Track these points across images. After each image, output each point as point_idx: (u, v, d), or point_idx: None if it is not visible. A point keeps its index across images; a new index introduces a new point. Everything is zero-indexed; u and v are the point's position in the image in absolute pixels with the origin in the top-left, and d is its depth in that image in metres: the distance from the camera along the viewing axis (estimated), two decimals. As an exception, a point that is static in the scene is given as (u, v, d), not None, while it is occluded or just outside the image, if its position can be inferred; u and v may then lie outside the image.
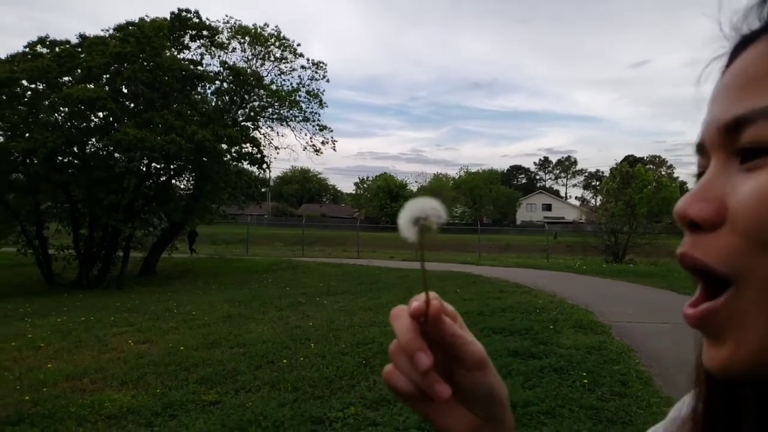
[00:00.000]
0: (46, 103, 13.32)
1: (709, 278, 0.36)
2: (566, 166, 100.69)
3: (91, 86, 13.43)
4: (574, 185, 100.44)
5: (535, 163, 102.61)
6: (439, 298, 0.43)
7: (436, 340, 0.42)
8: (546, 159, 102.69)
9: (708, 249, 0.35)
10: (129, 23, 14.64)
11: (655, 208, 21.81)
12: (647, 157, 75.48)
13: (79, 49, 14.03)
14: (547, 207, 68.20)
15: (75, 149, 13.83)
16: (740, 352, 0.34)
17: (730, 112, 0.35)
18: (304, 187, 73.29)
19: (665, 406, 4.23)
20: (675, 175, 67.46)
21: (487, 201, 59.05)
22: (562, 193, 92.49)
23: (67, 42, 14.18)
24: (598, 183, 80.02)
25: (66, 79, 13.82)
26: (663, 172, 56.87)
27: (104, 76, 13.97)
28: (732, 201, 0.34)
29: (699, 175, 0.38)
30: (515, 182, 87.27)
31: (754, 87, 0.34)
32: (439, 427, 0.44)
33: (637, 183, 21.75)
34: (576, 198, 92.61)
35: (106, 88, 13.76)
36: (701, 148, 0.39)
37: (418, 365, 0.40)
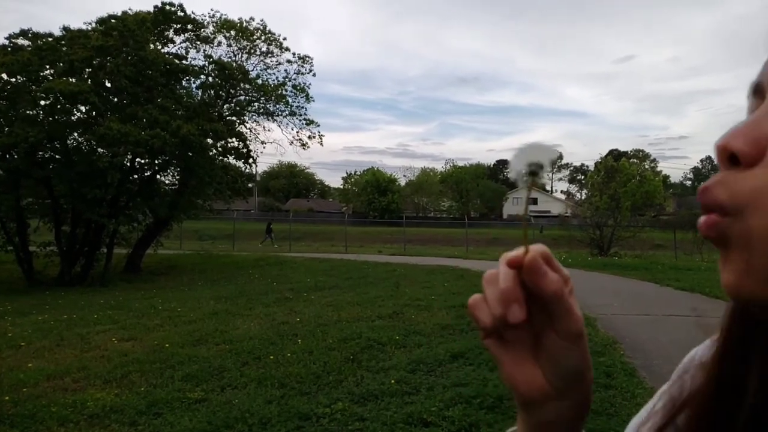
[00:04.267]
0: (27, 96, 13.06)
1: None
2: (552, 160, 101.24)
3: (73, 80, 13.20)
4: (560, 179, 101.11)
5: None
6: (546, 255, 0.40)
7: (535, 294, 0.40)
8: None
9: (731, 186, 0.34)
10: (111, 16, 14.39)
11: (638, 202, 22.07)
12: (631, 151, 76.26)
13: (62, 42, 13.78)
14: (534, 201, 68.61)
15: (57, 144, 13.60)
16: (750, 274, 0.34)
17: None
18: (291, 181, 72.95)
19: (649, 397, 4.26)
20: (658, 169, 68.34)
21: (474, 195, 59.27)
22: (548, 188, 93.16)
23: (50, 35, 13.92)
24: (583, 177, 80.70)
25: (47, 72, 13.56)
26: (647, 166, 57.47)
27: (87, 70, 13.74)
28: None
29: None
30: (502, 177, 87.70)
31: None
32: (507, 377, 0.43)
33: (621, 177, 21.98)
34: (562, 192, 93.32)
35: (89, 81, 13.53)
36: (758, 89, 0.37)
37: (510, 317, 0.39)
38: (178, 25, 15.98)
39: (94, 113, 13.79)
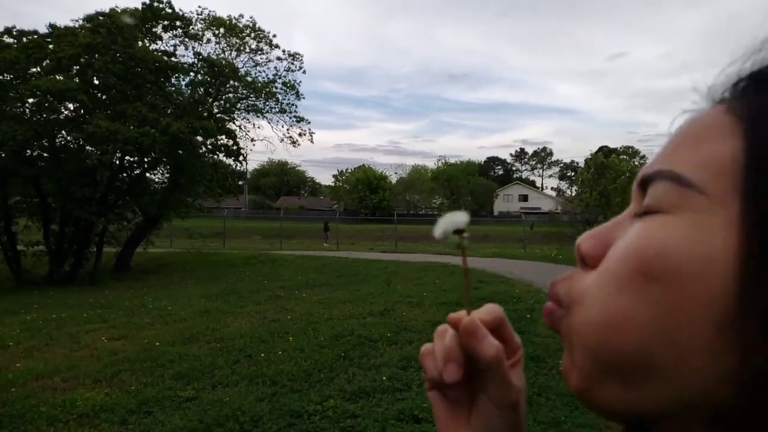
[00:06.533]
0: (13, 95, 12.90)
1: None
2: (542, 157, 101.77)
3: (61, 78, 13.06)
4: (550, 176, 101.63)
5: (511, 155, 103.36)
6: (498, 319, 0.41)
7: (470, 355, 0.40)
8: (522, 150, 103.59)
9: (572, 284, 0.36)
10: (99, 13, 14.24)
11: (628, 198, 22.19)
12: (621, 148, 76.65)
13: (48, 40, 13.61)
14: (524, 198, 68.94)
15: (45, 142, 13.45)
16: (573, 370, 0.34)
17: (646, 169, 0.35)
18: (282, 179, 72.69)
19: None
20: (648, 166, 68.64)
21: (464, 192, 59.43)
22: (539, 184, 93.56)
23: (35, 32, 13.74)
24: (573, 174, 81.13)
25: (34, 70, 13.40)
26: (636, 163, 57.86)
27: (74, 68, 13.59)
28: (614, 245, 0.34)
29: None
30: (492, 173, 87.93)
31: (680, 148, 0.33)
32: None
33: (611, 173, 22.13)
34: (552, 189, 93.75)
35: (77, 79, 13.39)
36: (643, 185, 0.37)
37: (446, 375, 0.39)
38: (167, 22, 15.85)
39: (82, 111, 13.65)
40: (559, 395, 4.01)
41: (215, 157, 17.01)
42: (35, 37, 13.51)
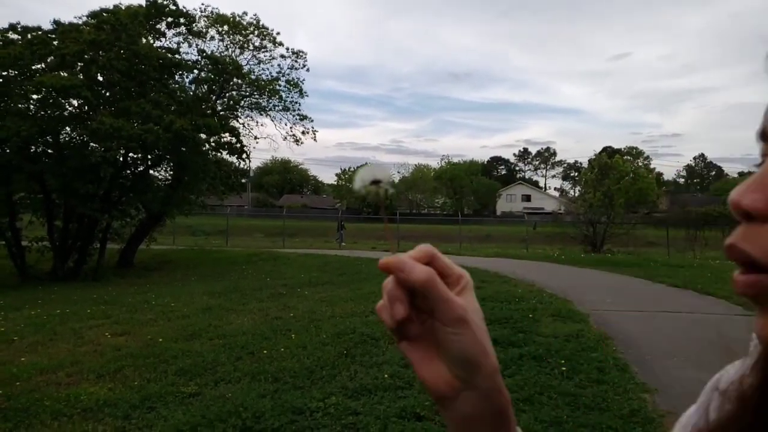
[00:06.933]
0: (18, 91, 12.93)
1: (757, 270, 0.35)
2: (545, 157, 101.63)
3: (65, 74, 13.09)
4: (553, 176, 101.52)
5: (514, 155, 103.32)
6: (429, 253, 0.45)
7: (409, 288, 0.43)
8: (525, 150, 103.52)
9: (757, 241, 0.34)
10: (104, 10, 14.26)
11: (632, 199, 22.19)
12: (624, 149, 76.54)
13: (52, 36, 13.64)
14: (527, 198, 68.83)
15: (49, 138, 13.48)
16: None
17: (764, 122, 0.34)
18: (285, 177, 72.73)
19: (641, 392, 4.32)
20: (651, 167, 68.67)
21: (467, 192, 59.36)
22: (542, 184, 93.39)
23: (39, 28, 13.77)
24: (576, 174, 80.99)
25: (38, 66, 13.43)
26: (640, 164, 57.75)
27: (78, 64, 13.62)
28: None
29: (760, 165, 0.37)
30: (495, 173, 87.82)
31: None
32: (418, 376, 0.46)
33: (614, 174, 22.08)
34: (555, 189, 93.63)
35: (81, 76, 13.41)
36: (764, 135, 0.37)
37: (393, 314, 0.43)
38: (171, 19, 15.87)
39: (86, 108, 13.68)
40: (561, 395, 4.01)
41: (218, 154, 17.04)
42: (39, 33, 13.54)
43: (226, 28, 18.44)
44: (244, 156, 17.60)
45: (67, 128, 13.87)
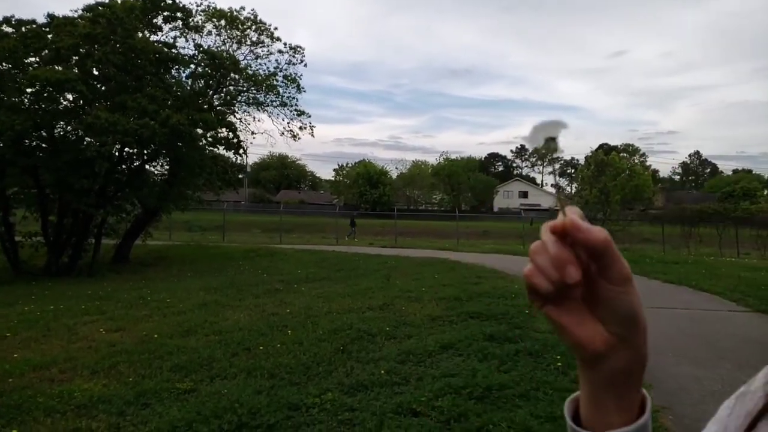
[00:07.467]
0: (11, 84, 12.83)
1: None
2: (542, 153, 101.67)
3: (60, 68, 12.98)
4: (550, 173, 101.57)
5: (511, 151, 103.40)
6: (581, 214, 0.44)
7: (585, 248, 0.43)
8: (522, 147, 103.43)
9: None
10: (99, 3, 14.14)
11: (628, 196, 22.22)
12: (621, 146, 76.66)
13: (47, 30, 13.53)
14: (524, 194, 68.93)
15: (43, 132, 13.38)
16: None
17: None
18: (282, 173, 72.58)
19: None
20: (647, 164, 68.84)
21: (465, 188, 59.36)
22: (538, 181, 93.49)
23: (34, 22, 13.66)
24: (573, 171, 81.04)
25: (33, 60, 13.33)
26: (636, 161, 57.87)
27: (73, 58, 13.51)
28: None
29: None
30: (492, 170, 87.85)
31: None
32: (571, 338, 0.46)
33: (611, 171, 22.10)
34: (552, 185, 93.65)
35: (76, 70, 13.31)
36: None
37: (568, 278, 0.42)
38: (167, 13, 15.76)
39: (81, 102, 13.58)
40: (557, 390, 4.00)
41: (215, 149, 16.96)
42: (34, 26, 13.42)
43: (223, 22, 18.34)
44: (241, 151, 17.52)
45: (62, 122, 13.75)
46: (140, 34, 14.68)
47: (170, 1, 15.48)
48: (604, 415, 0.48)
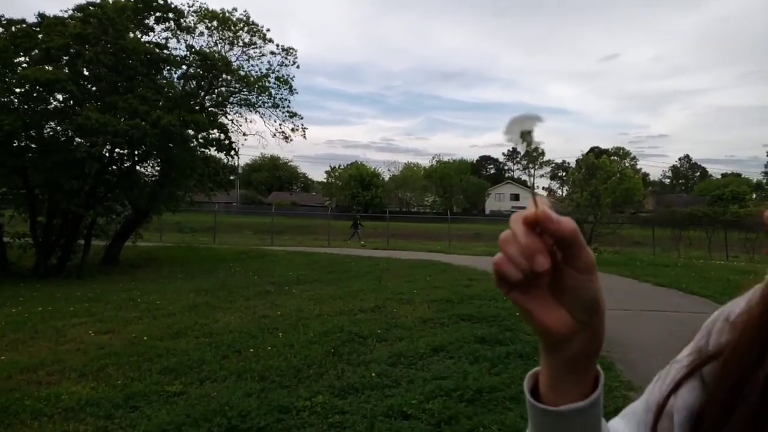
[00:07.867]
0: (0, 84, 12.70)
1: None
2: (534, 156, 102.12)
3: (50, 68, 12.87)
4: (542, 176, 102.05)
5: (503, 154, 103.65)
6: (551, 206, 0.46)
7: (555, 238, 0.45)
8: (514, 150, 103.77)
9: None
10: (90, 3, 14.05)
11: (618, 199, 22.37)
12: (612, 149, 77.15)
13: (37, 29, 13.42)
14: (515, 197, 69.23)
15: (33, 133, 13.25)
16: None
17: None
18: (274, 174, 72.36)
19: (626, 390, 4.34)
20: (638, 167, 69.36)
21: (457, 190, 59.52)
22: (530, 184, 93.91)
23: (23, 21, 13.54)
24: (564, 174, 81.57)
25: (22, 59, 13.21)
26: (627, 164, 58.26)
27: (64, 58, 13.41)
28: None
29: None
30: (484, 172, 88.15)
31: None
32: (538, 323, 0.48)
33: (601, 174, 22.21)
34: (543, 188, 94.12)
35: (66, 70, 13.21)
36: None
37: (537, 266, 0.44)
38: (159, 14, 15.68)
39: (72, 102, 13.47)
40: (548, 393, 4.01)
41: (206, 151, 16.88)
42: (24, 26, 13.31)
43: (215, 23, 18.28)
44: (233, 152, 17.45)
45: (52, 123, 13.64)
46: (132, 35, 14.60)
47: (162, 2, 15.40)
48: (563, 391, 0.52)
